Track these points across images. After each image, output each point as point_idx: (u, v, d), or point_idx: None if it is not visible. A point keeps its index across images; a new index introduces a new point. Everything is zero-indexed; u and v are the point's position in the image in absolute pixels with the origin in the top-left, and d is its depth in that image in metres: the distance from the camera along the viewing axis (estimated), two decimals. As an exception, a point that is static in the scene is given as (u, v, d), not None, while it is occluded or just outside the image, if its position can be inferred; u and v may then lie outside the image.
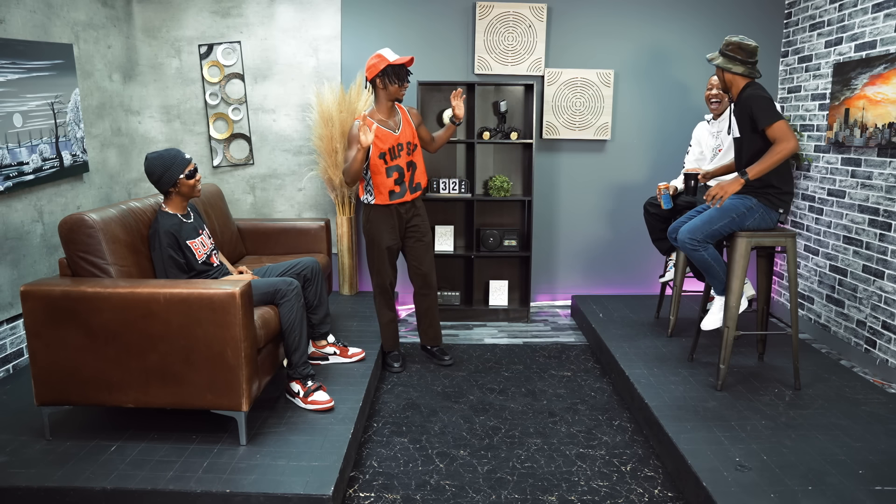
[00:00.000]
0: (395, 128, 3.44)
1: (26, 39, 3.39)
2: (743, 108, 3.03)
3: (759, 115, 2.94)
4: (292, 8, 4.55)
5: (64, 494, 2.29)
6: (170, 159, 2.84)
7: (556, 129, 4.69)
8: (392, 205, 3.50)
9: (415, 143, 3.52)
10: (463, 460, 2.79)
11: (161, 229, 2.82)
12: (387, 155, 3.40)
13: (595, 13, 4.62)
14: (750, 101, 2.98)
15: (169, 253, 2.81)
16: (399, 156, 3.43)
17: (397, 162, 3.43)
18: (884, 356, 3.62)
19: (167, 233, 2.82)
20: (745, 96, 3.02)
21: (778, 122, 2.90)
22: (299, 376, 2.94)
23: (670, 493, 2.57)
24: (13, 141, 3.26)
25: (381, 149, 3.39)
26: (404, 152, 3.45)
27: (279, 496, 2.26)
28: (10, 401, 2.98)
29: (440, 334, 3.86)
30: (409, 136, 3.48)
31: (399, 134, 3.43)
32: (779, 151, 2.89)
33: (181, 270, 2.85)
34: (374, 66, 3.33)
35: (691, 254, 3.13)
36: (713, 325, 3.24)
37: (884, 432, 2.75)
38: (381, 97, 3.41)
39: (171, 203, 2.92)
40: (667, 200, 3.79)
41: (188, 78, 4.59)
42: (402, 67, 3.35)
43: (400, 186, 3.47)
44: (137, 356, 2.51)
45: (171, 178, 2.84)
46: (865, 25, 3.78)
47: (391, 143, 3.40)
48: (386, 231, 3.53)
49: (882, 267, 3.64)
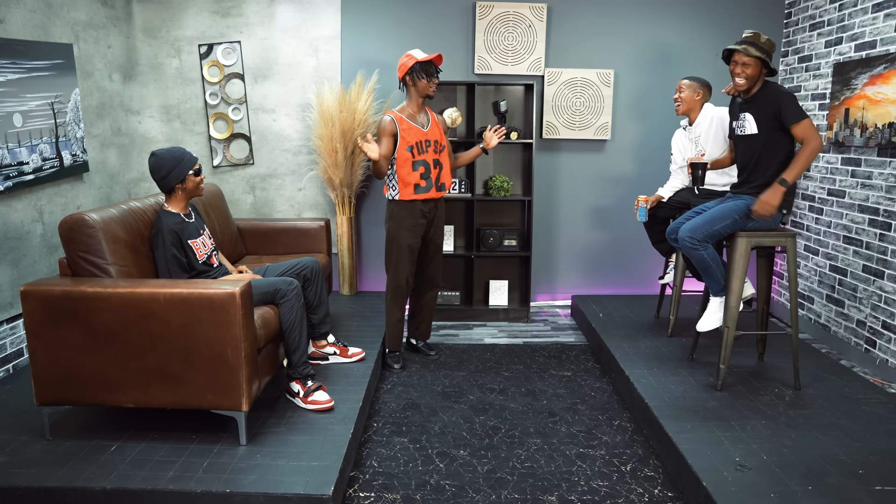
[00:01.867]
0: (425, 125, 3.55)
1: (26, 39, 3.39)
2: (768, 103, 2.98)
3: (789, 110, 2.92)
4: (292, 8, 4.55)
5: (64, 494, 2.29)
6: (179, 155, 2.85)
7: (556, 129, 4.69)
8: (416, 201, 3.54)
9: (443, 144, 3.61)
10: (463, 460, 2.79)
11: (164, 228, 2.82)
12: (414, 148, 3.49)
13: (595, 13, 4.62)
14: (780, 96, 2.95)
15: (172, 252, 2.81)
16: (426, 151, 3.52)
17: (424, 157, 3.51)
18: (884, 356, 3.62)
19: (171, 231, 2.82)
20: (772, 91, 2.99)
21: (806, 120, 2.92)
22: (299, 376, 2.94)
23: (670, 493, 2.57)
24: (13, 141, 3.26)
25: (409, 142, 3.48)
26: (431, 149, 3.54)
27: (279, 496, 2.26)
28: (10, 401, 2.98)
29: (430, 330, 3.98)
30: (437, 135, 3.58)
31: (427, 131, 3.54)
32: (812, 150, 2.91)
33: (183, 270, 2.85)
34: (404, 65, 3.48)
35: (690, 252, 3.12)
36: (708, 326, 3.23)
37: (884, 432, 2.75)
38: (412, 94, 3.54)
39: (173, 202, 2.91)
40: (642, 214, 3.82)
41: (188, 78, 4.59)
42: (430, 64, 3.48)
43: (426, 181, 3.53)
44: (137, 356, 2.51)
45: (180, 175, 2.85)
46: (865, 25, 3.78)
47: (419, 138, 3.50)
48: (407, 229, 3.56)
49: (882, 267, 3.64)
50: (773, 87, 3.02)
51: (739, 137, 3.15)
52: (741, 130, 3.13)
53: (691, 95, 3.68)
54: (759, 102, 3.03)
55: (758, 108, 3.03)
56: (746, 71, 2.98)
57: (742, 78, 3.00)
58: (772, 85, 3.03)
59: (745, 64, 2.98)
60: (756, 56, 2.94)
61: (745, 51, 2.95)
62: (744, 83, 3.01)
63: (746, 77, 2.99)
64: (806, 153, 2.92)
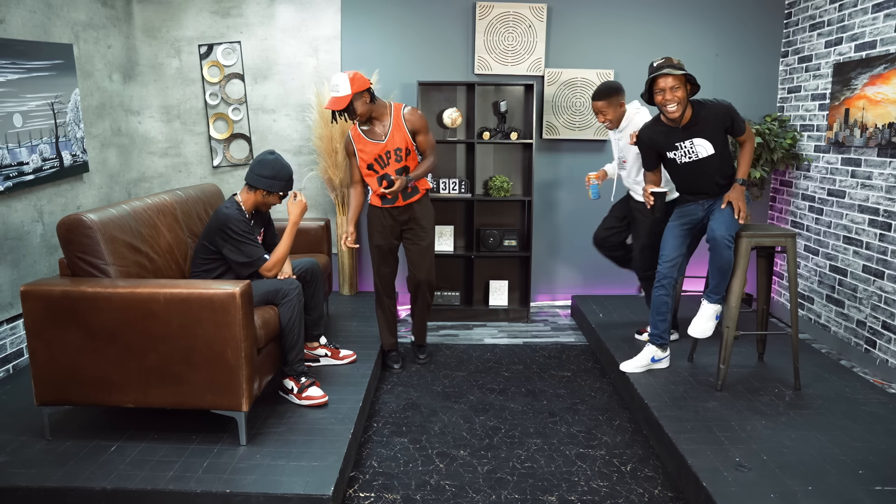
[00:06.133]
0: (382, 136, 3.39)
1: (26, 39, 3.39)
2: (717, 121, 3.01)
3: (739, 121, 3.03)
4: (292, 8, 4.55)
5: (64, 494, 2.29)
6: (286, 173, 3.02)
7: (556, 129, 4.69)
8: (385, 208, 3.51)
9: (408, 149, 3.42)
10: (463, 460, 2.79)
11: (235, 216, 2.91)
12: (374, 165, 3.41)
13: (595, 13, 4.62)
14: (727, 111, 3.01)
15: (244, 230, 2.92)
16: (388, 163, 3.40)
17: (386, 171, 3.40)
18: (884, 356, 3.62)
19: (241, 220, 2.93)
20: (713, 109, 3.00)
21: (746, 122, 3.09)
22: (294, 373, 2.96)
23: (670, 493, 2.57)
24: (13, 141, 3.26)
25: (367, 161, 3.40)
26: (393, 159, 3.40)
27: (279, 496, 2.26)
28: (10, 401, 2.98)
29: (423, 334, 3.90)
30: (399, 141, 3.38)
31: (386, 142, 3.38)
32: (753, 147, 3.12)
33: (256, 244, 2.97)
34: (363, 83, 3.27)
35: (725, 253, 3.01)
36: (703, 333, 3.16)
37: (884, 432, 2.75)
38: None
39: (248, 197, 3.02)
40: (595, 191, 3.67)
41: (188, 78, 4.59)
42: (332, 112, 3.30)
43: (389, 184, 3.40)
44: (137, 356, 2.51)
45: (273, 187, 2.99)
46: (865, 25, 3.78)
47: (377, 154, 3.39)
48: (376, 230, 3.55)
49: (882, 267, 3.64)
50: (710, 105, 3.03)
51: (688, 164, 3.11)
52: (692, 157, 3.09)
53: (616, 111, 3.48)
54: (706, 124, 3.02)
55: (708, 130, 3.03)
56: (677, 95, 2.93)
57: (674, 104, 2.94)
58: (706, 103, 3.04)
59: (674, 87, 2.92)
60: (681, 73, 2.91)
61: (668, 72, 2.91)
62: (676, 108, 2.95)
63: (678, 101, 2.94)
64: (749, 151, 3.10)
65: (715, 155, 3.06)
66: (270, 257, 2.98)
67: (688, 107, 3.01)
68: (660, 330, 3.31)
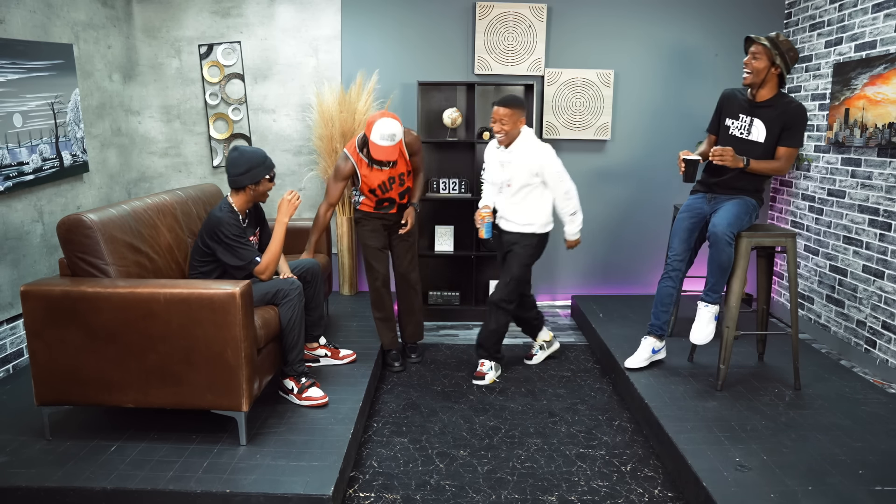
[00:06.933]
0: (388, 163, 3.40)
1: (26, 39, 3.39)
2: (784, 115, 3.00)
3: (798, 133, 3.02)
4: (292, 8, 4.55)
5: (64, 494, 2.29)
6: (261, 157, 2.93)
7: (556, 129, 4.69)
8: (378, 213, 3.55)
9: (409, 170, 3.52)
10: (463, 460, 2.79)
11: (226, 220, 2.88)
12: (377, 190, 3.45)
13: (595, 13, 4.62)
14: (798, 115, 3.00)
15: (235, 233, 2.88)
16: (391, 189, 3.46)
17: (389, 195, 3.47)
18: (884, 356, 3.62)
19: (232, 224, 2.89)
20: (791, 105, 3.01)
21: (797, 148, 3.04)
22: (294, 373, 2.96)
23: (670, 493, 2.57)
24: (13, 141, 3.26)
25: (371, 185, 3.43)
26: (396, 184, 3.47)
27: (279, 496, 2.26)
28: (10, 401, 2.98)
29: (417, 332, 3.87)
30: (402, 166, 3.47)
31: (392, 169, 3.43)
32: (777, 170, 3.07)
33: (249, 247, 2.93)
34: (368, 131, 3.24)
35: (725, 249, 3.00)
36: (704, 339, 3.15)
37: (884, 432, 2.75)
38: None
39: (238, 198, 2.96)
40: (488, 230, 3.50)
41: (188, 78, 4.59)
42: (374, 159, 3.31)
43: (389, 203, 3.53)
44: (137, 356, 2.51)
45: (256, 176, 2.91)
46: (865, 25, 3.78)
47: (382, 179, 3.43)
48: (370, 233, 3.57)
49: (882, 267, 3.64)
50: (790, 100, 3.04)
51: (736, 139, 3.13)
52: (742, 133, 3.11)
53: (514, 125, 3.31)
54: (774, 111, 3.03)
55: (771, 117, 3.04)
56: (753, 63, 3.00)
57: (749, 70, 3.02)
58: (789, 98, 3.05)
59: (755, 54, 3.00)
60: (764, 45, 2.96)
61: (757, 38, 3.00)
62: (748, 76, 3.03)
63: (753, 70, 3.00)
64: (774, 166, 3.06)
65: (762, 145, 3.06)
66: (262, 259, 2.95)
67: (768, 87, 3.04)
68: (661, 321, 3.35)
